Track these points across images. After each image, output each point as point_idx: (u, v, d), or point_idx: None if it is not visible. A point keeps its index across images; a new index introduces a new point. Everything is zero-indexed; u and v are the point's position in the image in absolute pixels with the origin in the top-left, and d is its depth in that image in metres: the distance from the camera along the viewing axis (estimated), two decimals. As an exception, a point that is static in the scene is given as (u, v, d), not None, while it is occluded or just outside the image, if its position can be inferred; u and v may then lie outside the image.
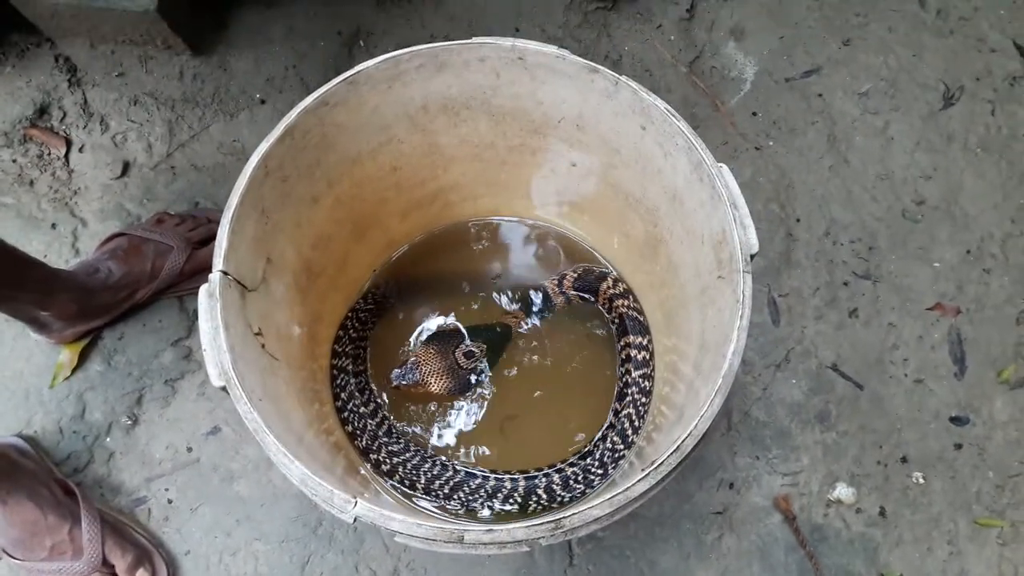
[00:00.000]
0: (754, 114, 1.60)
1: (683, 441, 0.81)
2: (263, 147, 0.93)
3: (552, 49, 0.99)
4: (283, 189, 1.00)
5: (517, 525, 0.78)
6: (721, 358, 0.85)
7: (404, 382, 1.21)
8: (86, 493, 1.27)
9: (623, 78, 0.97)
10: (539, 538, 0.78)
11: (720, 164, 0.93)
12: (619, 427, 1.19)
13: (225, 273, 0.88)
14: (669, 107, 0.95)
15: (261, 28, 1.61)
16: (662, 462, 0.80)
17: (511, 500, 1.14)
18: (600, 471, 1.16)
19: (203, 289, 0.87)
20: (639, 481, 0.80)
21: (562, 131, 1.13)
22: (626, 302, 1.27)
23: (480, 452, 1.23)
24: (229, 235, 0.89)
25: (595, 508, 0.79)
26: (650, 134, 1.01)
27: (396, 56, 0.98)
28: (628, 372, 1.23)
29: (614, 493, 0.79)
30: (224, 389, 0.84)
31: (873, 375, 1.41)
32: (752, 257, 0.89)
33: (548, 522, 0.78)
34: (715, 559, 1.29)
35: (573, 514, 0.78)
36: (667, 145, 0.99)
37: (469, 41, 1.00)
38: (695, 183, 0.97)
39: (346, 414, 1.19)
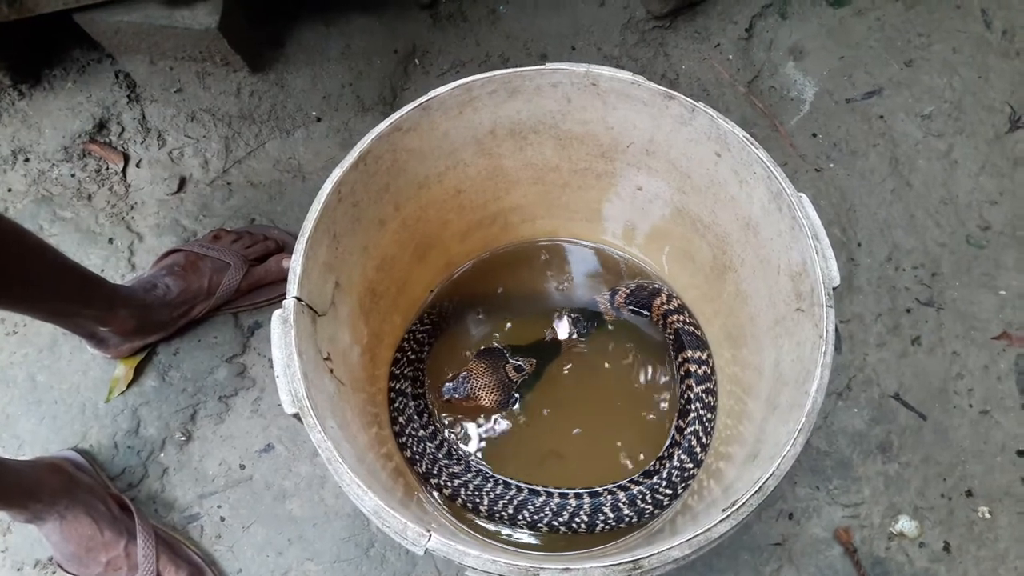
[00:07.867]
0: (814, 135, 1.57)
1: (765, 482, 0.78)
2: (337, 173, 0.92)
3: (627, 75, 0.97)
4: (354, 214, 0.99)
5: (594, 564, 0.76)
6: (803, 395, 0.83)
7: (456, 395, 1.20)
8: (141, 509, 1.27)
9: (700, 105, 0.95)
10: (615, 578, 0.77)
11: (800, 193, 0.91)
12: (685, 444, 1.17)
13: (299, 299, 0.87)
14: (748, 135, 0.93)
15: (318, 46, 1.61)
16: (744, 503, 0.78)
17: (577, 519, 1.12)
18: (669, 491, 1.14)
19: (276, 315, 0.86)
20: (720, 522, 0.78)
21: (630, 156, 1.12)
22: (681, 317, 1.25)
23: (536, 471, 1.21)
24: (303, 261, 0.88)
25: (674, 549, 0.77)
26: (725, 161, 0.99)
27: (469, 82, 0.97)
28: (690, 388, 1.21)
29: (695, 534, 0.77)
30: (297, 416, 0.84)
31: (936, 405, 1.37)
32: (834, 290, 0.87)
33: (626, 562, 0.76)
34: (774, 592, 1.27)
35: (652, 554, 0.76)
36: (743, 173, 0.97)
37: (542, 67, 0.98)
38: (773, 212, 0.95)
39: (404, 438, 1.18)
